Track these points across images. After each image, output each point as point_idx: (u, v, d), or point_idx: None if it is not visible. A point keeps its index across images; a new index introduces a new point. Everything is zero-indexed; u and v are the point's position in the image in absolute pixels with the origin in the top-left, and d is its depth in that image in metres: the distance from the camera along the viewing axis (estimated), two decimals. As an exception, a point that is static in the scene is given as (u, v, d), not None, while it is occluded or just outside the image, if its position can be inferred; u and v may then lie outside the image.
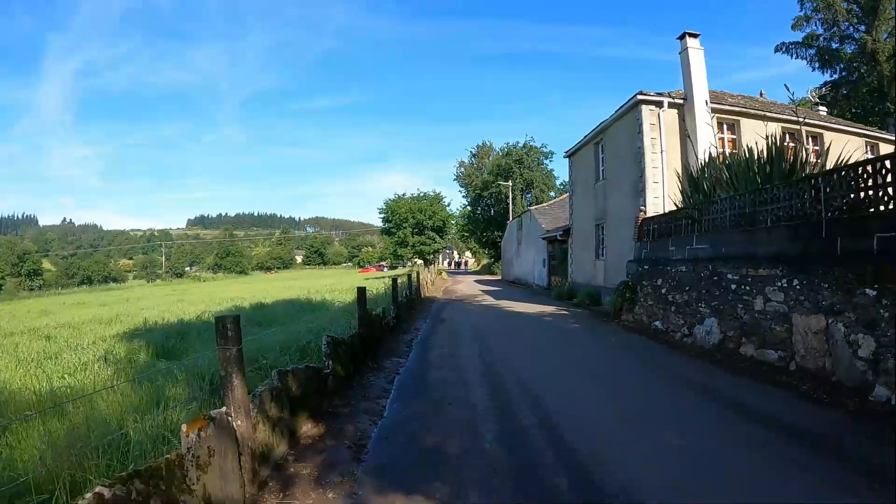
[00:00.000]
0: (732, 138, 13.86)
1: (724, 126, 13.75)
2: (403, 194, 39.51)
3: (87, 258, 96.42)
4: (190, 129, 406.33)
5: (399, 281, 12.05)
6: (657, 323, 9.63)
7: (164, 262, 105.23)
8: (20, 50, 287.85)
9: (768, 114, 13.10)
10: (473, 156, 53.42)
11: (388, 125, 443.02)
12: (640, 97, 12.81)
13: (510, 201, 39.38)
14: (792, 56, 28.88)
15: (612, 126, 14.68)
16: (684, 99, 13.12)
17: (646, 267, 10.48)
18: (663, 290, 9.50)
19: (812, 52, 28.07)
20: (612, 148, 14.83)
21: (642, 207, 12.23)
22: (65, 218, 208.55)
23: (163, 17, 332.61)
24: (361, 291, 7.28)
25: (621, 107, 13.73)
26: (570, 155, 18.52)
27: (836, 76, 28.09)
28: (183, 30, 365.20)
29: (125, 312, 22.43)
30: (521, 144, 45.25)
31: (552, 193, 43.86)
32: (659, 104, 12.89)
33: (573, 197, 18.29)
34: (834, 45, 27.46)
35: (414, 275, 16.69)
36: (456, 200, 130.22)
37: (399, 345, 8.76)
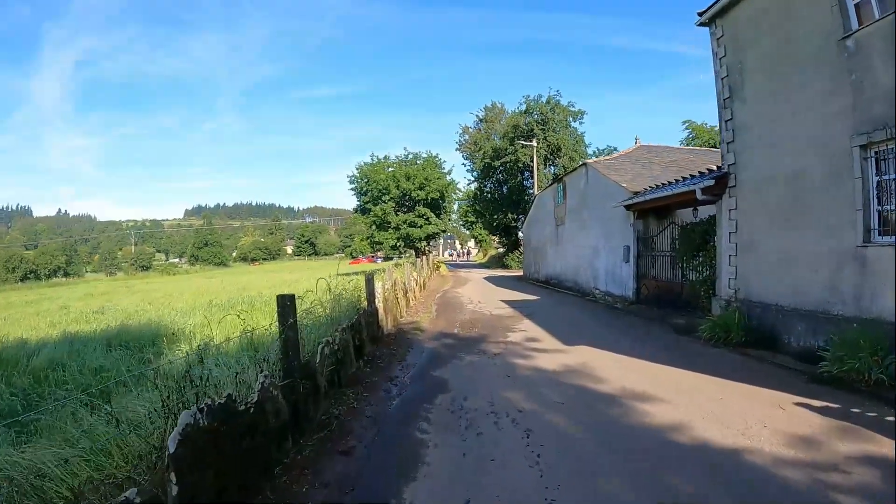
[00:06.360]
0: None
1: None
2: (386, 157, 27.74)
3: (34, 249, 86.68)
4: (189, 119, 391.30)
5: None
6: None
7: (132, 251, 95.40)
8: (18, 40, 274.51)
9: None
10: (481, 120, 42.68)
11: (388, 114, 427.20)
12: None
13: (534, 168, 28.77)
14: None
15: None
16: None
17: None
18: None
19: None
20: None
21: None
22: (59, 209, 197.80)
23: (161, 5, 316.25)
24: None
25: None
26: (719, 13, 8.20)
27: None
28: (181, 18, 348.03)
29: None
30: (544, 99, 34.32)
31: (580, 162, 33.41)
32: None
33: (733, 103, 8.02)
34: None
35: (359, 296, 6.48)
36: (458, 174, 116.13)
37: None
